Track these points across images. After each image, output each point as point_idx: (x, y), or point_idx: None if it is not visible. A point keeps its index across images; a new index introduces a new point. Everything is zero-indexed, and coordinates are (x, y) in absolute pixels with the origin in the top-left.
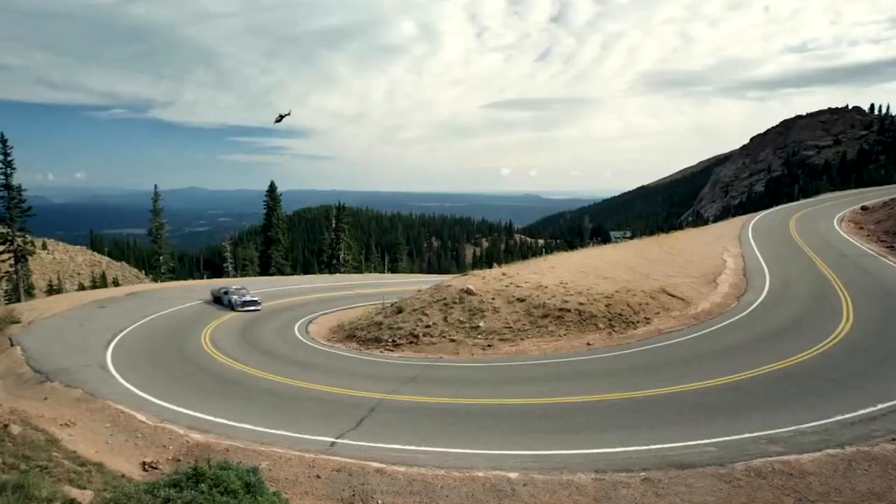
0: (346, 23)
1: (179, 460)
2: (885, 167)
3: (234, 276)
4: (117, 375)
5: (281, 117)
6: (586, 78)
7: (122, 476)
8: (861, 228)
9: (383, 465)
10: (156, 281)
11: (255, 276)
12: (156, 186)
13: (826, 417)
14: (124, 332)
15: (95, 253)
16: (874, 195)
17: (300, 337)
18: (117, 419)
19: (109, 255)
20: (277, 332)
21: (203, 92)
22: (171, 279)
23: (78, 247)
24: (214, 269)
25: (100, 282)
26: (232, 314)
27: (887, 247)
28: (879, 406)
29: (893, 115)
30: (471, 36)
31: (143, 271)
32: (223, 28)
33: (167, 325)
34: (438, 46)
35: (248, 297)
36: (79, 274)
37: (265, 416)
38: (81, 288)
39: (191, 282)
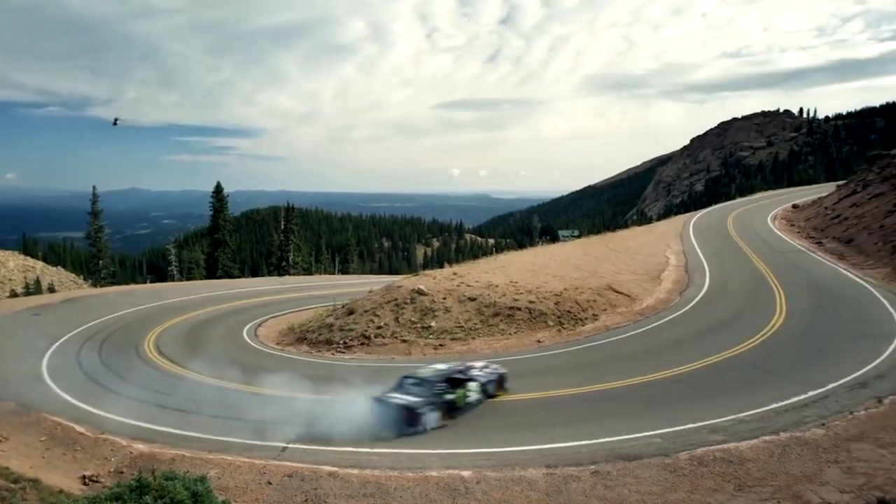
0: (296, 21)
1: (122, 472)
2: (812, 167)
3: (179, 280)
4: (54, 386)
5: (116, 120)
6: (535, 79)
7: (60, 492)
8: (792, 226)
9: (336, 469)
10: (96, 286)
11: (201, 279)
12: (94, 187)
13: (762, 406)
14: (61, 341)
15: (28, 258)
16: (803, 194)
17: (249, 341)
18: (54, 432)
19: (44, 260)
20: (225, 337)
21: (146, 90)
22: (112, 284)
23: (9, 251)
24: (158, 272)
25: (34, 288)
26: (176, 319)
27: (816, 243)
28: (810, 393)
29: (820, 118)
30: (421, 36)
31: (82, 276)
32: (168, 24)
33: (107, 332)
34: (389, 46)
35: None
36: (10, 280)
37: (214, 423)
38: (14, 295)
39: (133, 286)
